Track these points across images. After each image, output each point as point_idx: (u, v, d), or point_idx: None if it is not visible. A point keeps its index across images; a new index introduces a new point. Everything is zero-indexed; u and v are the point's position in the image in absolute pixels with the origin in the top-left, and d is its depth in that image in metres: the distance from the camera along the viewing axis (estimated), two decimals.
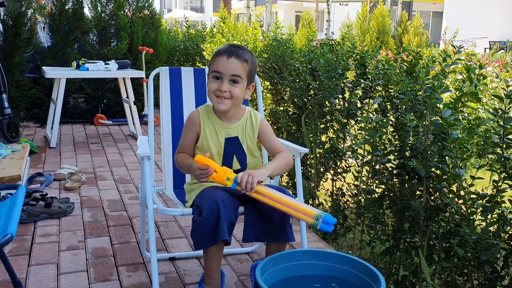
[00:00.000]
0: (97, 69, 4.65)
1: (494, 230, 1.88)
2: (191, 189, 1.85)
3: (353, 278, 1.68)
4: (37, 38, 5.92)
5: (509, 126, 1.73)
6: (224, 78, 1.75)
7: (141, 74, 4.98)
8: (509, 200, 1.86)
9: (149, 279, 2.12)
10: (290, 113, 3.43)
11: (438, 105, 1.92)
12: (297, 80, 3.24)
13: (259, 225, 1.73)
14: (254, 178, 1.64)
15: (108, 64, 4.75)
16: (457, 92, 2.02)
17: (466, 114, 2.21)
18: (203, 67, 2.45)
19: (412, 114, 2.12)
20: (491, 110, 1.85)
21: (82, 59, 4.80)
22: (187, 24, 7.97)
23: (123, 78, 4.99)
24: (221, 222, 1.60)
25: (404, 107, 2.17)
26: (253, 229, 1.73)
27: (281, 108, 3.60)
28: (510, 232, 1.87)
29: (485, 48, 16.55)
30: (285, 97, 3.60)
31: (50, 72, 4.49)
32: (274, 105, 3.74)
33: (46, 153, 4.28)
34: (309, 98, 3.13)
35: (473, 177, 1.96)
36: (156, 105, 6.13)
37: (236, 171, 1.73)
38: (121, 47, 5.73)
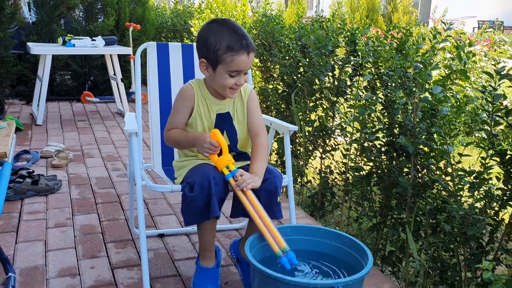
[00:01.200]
0: (83, 46, 4.57)
1: (480, 206, 1.91)
2: (181, 166, 1.84)
3: (341, 253, 1.69)
4: (21, 13, 5.78)
5: (498, 103, 1.73)
6: (241, 73, 1.70)
7: (128, 50, 4.91)
8: (496, 177, 1.88)
9: (138, 255, 2.12)
10: (280, 91, 3.41)
11: (428, 81, 1.92)
12: (287, 57, 3.21)
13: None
14: (252, 184, 1.62)
15: (95, 40, 4.67)
16: (446, 70, 2.02)
17: (454, 92, 2.22)
18: (192, 43, 2.42)
19: (402, 91, 2.12)
20: (479, 88, 1.85)
21: (68, 35, 4.71)
22: (174, 0, 7.83)
23: (110, 55, 4.91)
24: (213, 199, 1.60)
25: (393, 84, 2.17)
26: (241, 206, 1.73)
27: (271, 86, 3.58)
28: (496, 209, 1.89)
29: (474, 28, 16.57)
30: (275, 75, 3.58)
31: (35, 48, 4.41)
32: (263, 83, 3.72)
33: (32, 130, 4.23)
34: (299, 75, 3.11)
35: (460, 154, 1.97)
36: (144, 82, 6.06)
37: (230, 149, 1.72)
38: (107, 23, 5.63)
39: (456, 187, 1.88)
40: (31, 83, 5.47)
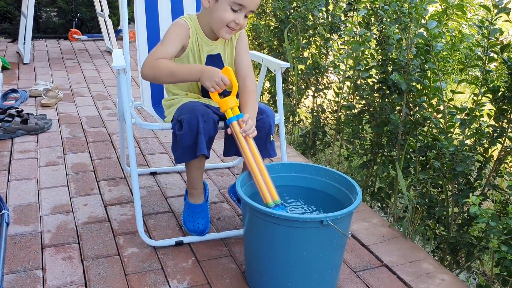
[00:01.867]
0: None
1: (470, 143, 1.92)
2: (170, 104, 1.81)
3: (330, 189, 1.71)
4: None
5: (494, 38, 1.70)
6: (243, 11, 1.63)
7: None
8: (487, 114, 1.88)
9: (130, 192, 2.14)
10: (272, 27, 3.32)
11: (424, 16, 1.86)
12: None
13: None
14: (254, 132, 1.59)
15: None
16: (442, 5, 1.96)
17: (450, 29, 2.17)
18: None
19: (397, 27, 2.07)
20: (476, 22, 1.80)
21: None
22: None
23: None
24: (200, 137, 1.58)
25: (389, 19, 2.11)
26: (234, 144, 1.72)
27: (263, 22, 3.49)
28: (486, 145, 1.91)
29: None
30: (267, 10, 3.48)
31: None
32: (255, 18, 3.61)
33: (19, 69, 4.14)
34: (292, 10, 3.02)
35: (453, 92, 1.96)
36: (132, 19, 5.89)
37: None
38: None
39: (447, 124, 1.88)
40: (15, 20, 5.30)
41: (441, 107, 1.98)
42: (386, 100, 2.27)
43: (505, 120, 1.81)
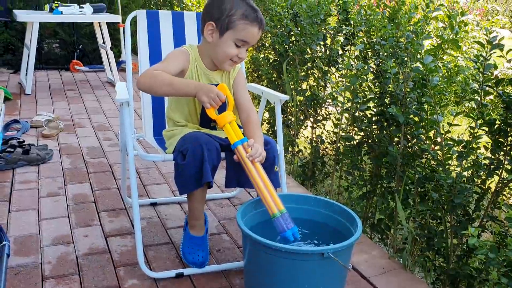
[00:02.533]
0: (71, 13, 4.48)
1: (468, 175, 1.94)
2: (171, 135, 1.84)
3: (331, 221, 1.73)
4: None
5: (488, 73, 1.74)
6: (246, 46, 1.72)
7: (117, 18, 4.83)
8: (484, 146, 1.91)
9: (131, 224, 2.15)
10: (271, 60, 3.39)
11: (420, 51, 1.92)
12: (278, 26, 3.18)
13: (242, 171, 1.74)
14: (263, 155, 1.63)
15: (83, 7, 4.57)
16: (437, 40, 2.02)
17: (446, 62, 2.22)
18: (182, 11, 2.39)
19: (393, 61, 2.12)
20: (472, 57, 1.85)
21: (56, 2, 4.60)
22: None
23: (99, 22, 4.83)
24: (205, 165, 1.61)
25: (385, 53, 2.16)
26: (235, 175, 1.75)
27: (262, 55, 3.56)
28: (483, 177, 1.93)
29: None
30: (266, 44, 3.55)
31: (22, 15, 4.31)
32: (254, 51, 3.69)
33: (21, 100, 4.19)
34: (290, 44, 3.09)
35: (450, 124, 1.99)
36: (134, 51, 5.99)
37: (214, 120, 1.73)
38: None
39: (445, 156, 1.91)
40: (18, 52, 5.38)
41: (438, 139, 2.01)
42: (384, 132, 2.30)
43: (502, 153, 1.84)
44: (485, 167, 1.89)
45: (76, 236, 2.03)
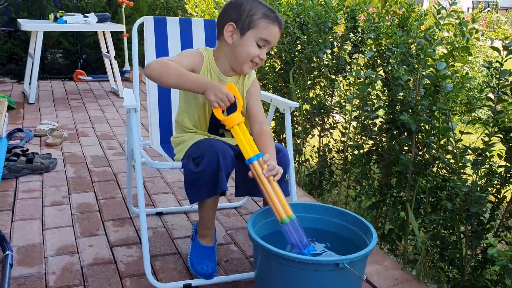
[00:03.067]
0: (75, 22, 4.47)
1: (482, 184, 1.90)
2: (180, 141, 1.80)
3: (343, 230, 1.68)
4: None
5: (504, 79, 1.71)
6: (267, 47, 1.70)
7: (121, 28, 4.82)
8: (498, 154, 1.86)
9: (136, 233, 2.10)
10: (277, 69, 3.36)
11: (433, 57, 1.88)
12: (285, 34, 3.16)
13: (251, 180, 1.70)
14: (281, 172, 1.58)
15: (87, 17, 4.57)
16: (448, 47, 1.98)
17: (458, 69, 2.19)
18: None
19: (405, 68, 2.09)
20: (485, 63, 1.82)
21: (60, 11, 4.60)
22: None
23: (103, 32, 4.82)
24: (221, 173, 1.56)
25: (398, 59, 2.13)
26: (245, 184, 1.71)
27: (268, 64, 3.53)
28: (497, 186, 1.89)
29: (468, 8, 16.48)
30: (272, 52, 3.53)
31: (26, 24, 4.31)
32: None
33: (25, 109, 4.16)
34: (297, 53, 3.06)
35: (462, 132, 1.95)
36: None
37: (223, 126, 1.68)
38: (99, 0, 5.51)
39: (459, 164, 1.87)
40: (21, 61, 5.37)
41: (449, 148, 1.97)
42: (395, 140, 2.26)
43: None
44: (500, 175, 1.84)
45: (80, 246, 1.98)
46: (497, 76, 1.69)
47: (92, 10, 5.38)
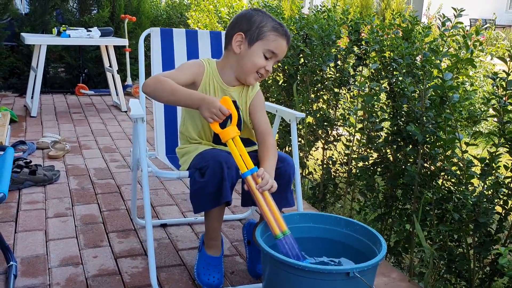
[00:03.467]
0: (79, 36, 4.50)
1: (489, 195, 1.89)
2: (185, 152, 1.79)
3: (351, 240, 1.67)
4: (14, 5, 5.69)
5: (511, 89, 1.72)
6: (274, 59, 1.72)
7: (124, 42, 4.85)
8: (504, 165, 1.86)
9: (141, 245, 2.08)
10: (280, 82, 3.38)
11: (439, 68, 1.89)
12: (288, 48, 3.17)
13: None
14: (274, 185, 1.57)
15: (91, 31, 4.60)
16: (452, 59, 2.00)
17: (462, 83, 2.20)
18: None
19: (410, 79, 2.10)
20: (490, 74, 1.83)
21: (63, 26, 4.63)
22: None
23: (106, 46, 4.84)
24: (225, 184, 1.55)
25: (403, 70, 2.14)
26: (251, 195, 1.70)
27: (271, 77, 3.55)
28: (504, 198, 1.88)
29: (466, 26, 16.66)
30: (275, 66, 3.54)
31: (30, 38, 4.33)
32: None
33: (27, 122, 4.16)
34: (300, 66, 3.08)
35: (467, 144, 1.96)
36: (137, 75, 6.00)
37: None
38: (102, 15, 5.56)
39: (466, 175, 1.87)
40: (24, 76, 5.39)
41: (455, 159, 1.97)
42: (400, 152, 2.26)
43: None
44: (507, 186, 1.84)
45: (85, 257, 1.96)
46: (504, 86, 1.69)
47: (95, 25, 5.42)
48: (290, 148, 3.14)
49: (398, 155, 2.27)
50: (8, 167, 1.42)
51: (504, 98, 1.73)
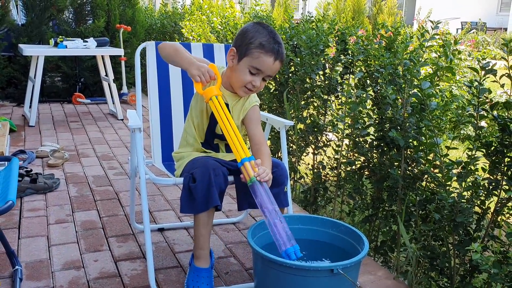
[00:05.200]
0: (75, 47, 4.60)
1: (468, 196, 2.00)
2: (180, 157, 1.91)
3: (337, 241, 1.78)
4: (10, 16, 5.80)
5: (483, 97, 1.83)
6: (261, 75, 1.78)
7: (119, 51, 4.95)
8: (482, 168, 1.98)
9: (139, 248, 2.19)
10: (272, 90, 3.49)
11: (417, 77, 2.01)
12: None
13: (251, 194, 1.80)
14: (270, 176, 1.68)
15: (87, 41, 4.70)
16: (433, 67, 2.12)
17: (441, 89, 2.32)
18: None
19: (392, 87, 2.22)
20: (466, 82, 1.95)
21: (60, 36, 4.74)
22: (162, 2, 7.89)
23: (102, 56, 4.95)
24: (213, 189, 1.66)
25: (385, 80, 2.26)
26: (246, 198, 1.80)
27: None
28: (482, 198, 1.99)
29: (457, 29, 16.87)
30: None
31: (28, 49, 4.43)
32: None
33: (25, 131, 4.26)
34: (291, 74, 3.19)
35: (448, 147, 2.07)
36: (133, 83, 6.10)
37: (219, 136, 1.84)
38: (98, 25, 5.66)
39: (445, 178, 1.98)
40: (21, 85, 5.49)
41: (437, 162, 2.08)
42: (385, 156, 2.38)
43: (499, 173, 1.91)
44: (484, 187, 1.95)
45: (86, 261, 2.06)
46: (477, 94, 1.81)
47: (91, 35, 5.53)
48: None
49: (383, 159, 2.39)
50: (15, 176, 1.52)
51: (477, 105, 1.84)
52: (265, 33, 1.76)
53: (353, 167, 2.58)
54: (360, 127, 2.49)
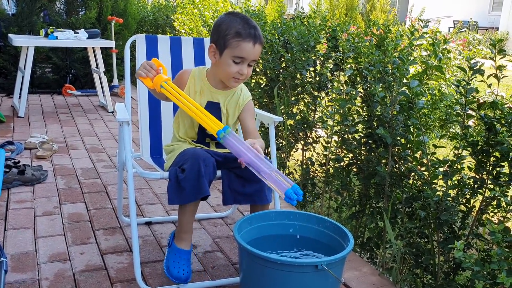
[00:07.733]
0: (66, 38, 4.57)
1: (453, 194, 2.03)
2: (171, 150, 1.92)
3: (323, 236, 1.79)
4: (1, 5, 5.74)
5: (470, 97, 1.85)
6: (245, 62, 1.79)
7: (111, 44, 4.92)
8: (468, 167, 2.00)
9: (126, 242, 2.19)
10: (263, 85, 3.49)
11: (406, 76, 2.02)
12: (269, 53, 3.30)
13: (237, 188, 1.81)
14: (262, 146, 1.74)
15: (78, 33, 4.67)
16: (422, 66, 2.13)
17: (430, 88, 2.33)
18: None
19: (381, 85, 2.23)
20: (455, 81, 1.97)
21: (51, 27, 4.69)
22: None
23: (93, 48, 4.92)
24: (203, 180, 1.68)
25: (373, 78, 2.27)
26: (232, 193, 1.81)
27: (253, 80, 3.66)
28: (467, 196, 2.02)
29: (449, 27, 16.94)
30: (257, 69, 3.66)
31: (18, 40, 4.39)
32: None
33: (14, 122, 4.22)
34: (281, 70, 3.20)
35: (435, 146, 2.09)
36: (124, 75, 6.07)
37: (210, 136, 1.84)
38: (89, 17, 5.62)
39: (431, 176, 2.00)
40: (11, 76, 5.44)
41: (424, 161, 2.10)
42: (373, 153, 2.39)
43: (485, 172, 1.93)
44: (469, 186, 1.98)
45: (72, 253, 2.06)
46: (464, 94, 1.83)
47: (82, 27, 5.49)
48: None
49: (371, 156, 2.40)
50: (0, 168, 1.51)
51: (464, 105, 1.86)
52: (238, 21, 1.77)
53: (341, 163, 2.59)
54: (349, 124, 2.50)
